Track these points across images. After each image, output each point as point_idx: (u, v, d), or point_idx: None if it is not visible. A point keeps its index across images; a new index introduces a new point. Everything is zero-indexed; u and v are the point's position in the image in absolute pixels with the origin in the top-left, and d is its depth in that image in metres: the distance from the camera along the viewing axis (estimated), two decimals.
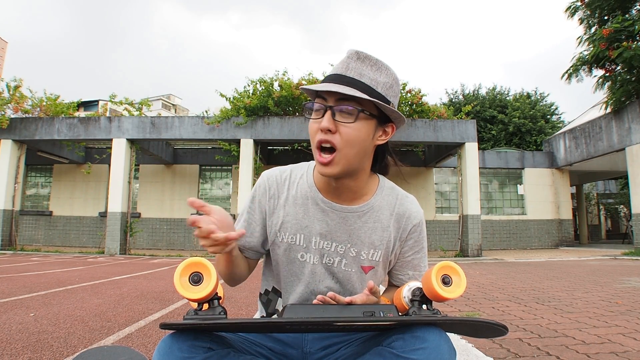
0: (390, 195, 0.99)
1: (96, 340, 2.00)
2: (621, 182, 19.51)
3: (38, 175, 13.35)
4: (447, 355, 0.71)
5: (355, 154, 0.87)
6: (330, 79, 0.86)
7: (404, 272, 1.01)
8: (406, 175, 12.59)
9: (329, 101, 0.85)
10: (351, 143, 0.85)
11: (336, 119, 0.84)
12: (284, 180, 0.99)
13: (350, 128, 0.84)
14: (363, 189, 0.96)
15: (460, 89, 24.49)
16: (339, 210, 0.95)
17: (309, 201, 0.96)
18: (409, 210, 0.99)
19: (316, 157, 0.88)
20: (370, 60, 0.87)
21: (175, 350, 0.70)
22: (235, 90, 9.89)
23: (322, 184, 0.95)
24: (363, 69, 0.86)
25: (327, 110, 0.85)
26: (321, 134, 0.85)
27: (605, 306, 2.97)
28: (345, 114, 0.84)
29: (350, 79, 0.85)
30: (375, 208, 0.97)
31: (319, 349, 0.93)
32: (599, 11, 10.56)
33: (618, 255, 9.25)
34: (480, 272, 5.76)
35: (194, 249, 11.95)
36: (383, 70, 0.88)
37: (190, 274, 0.72)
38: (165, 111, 53.43)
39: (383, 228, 0.97)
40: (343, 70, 0.86)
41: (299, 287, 0.96)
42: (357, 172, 0.91)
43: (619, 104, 10.11)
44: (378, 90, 0.86)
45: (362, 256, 0.95)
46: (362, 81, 0.85)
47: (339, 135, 0.84)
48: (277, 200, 0.98)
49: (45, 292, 3.57)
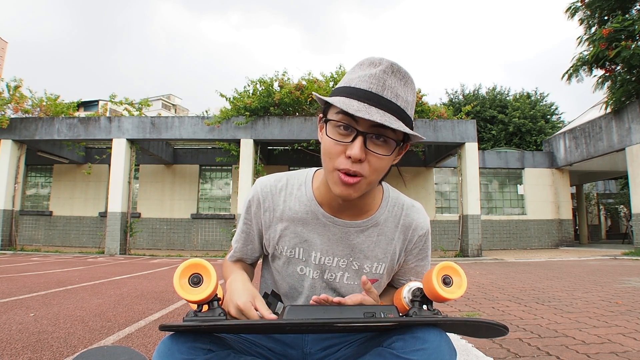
0: (396, 206, 0.94)
1: (96, 340, 2.00)
2: (621, 182, 19.51)
3: (38, 175, 13.35)
4: (447, 355, 0.71)
5: (379, 179, 0.82)
6: (362, 97, 0.75)
7: (405, 278, 1.00)
8: (406, 176, 12.61)
9: (361, 125, 0.75)
10: (380, 172, 0.79)
11: (368, 148, 0.75)
12: (280, 191, 0.93)
13: (382, 160, 0.77)
14: (369, 205, 0.91)
15: (460, 89, 24.52)
16: (341, 225, 0.90)
17: (309, 215, 0.90)
18: (415, 221, 0.94)
19: (336, 178, 0.78)
20: (401, 73, 0.78)
21: (174, 352, 0.69)
22: (235, 90, 9.89)
23: (325, 198, 0.89)
24: (398, 88, 0.77)
25: (359, 136, 0.75)
26: (348, 162, 0.76)
27: (605, 306, 2.97)
28: (381, 145, 0.76)
29: (387, 102, 0.75)
30: (380, 222, 0.92)
31: (319, 349, 0.93)
32: (599, 11, 10.56)
33: (618, 255, 9.25)
34: (480, 272, 5.76)
35: (194, 249, 11.95)
36: (409, 85, 0.79)
37: (190, 276, 0.72)
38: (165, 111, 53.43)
39: (387, 241, 0.93)
40: (380, 90, 0.75)
41: (300, 300, 0.96)
42: (369, 191, 0.86)
43: (619, 104, 10.11)
44: (408, 113, 0.78)
45: (365, 269, 0.92)
46: (398, 104, 0.76)
47: (368, 165, 0.76)
48: (272, 213, 0.92)
49: (45, 292, 3.57)
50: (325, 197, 0.89)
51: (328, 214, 0.90)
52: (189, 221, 12.26)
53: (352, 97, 0.75)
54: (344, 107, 0.72)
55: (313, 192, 0.91)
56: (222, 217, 12.15)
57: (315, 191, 0.91)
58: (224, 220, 12.10)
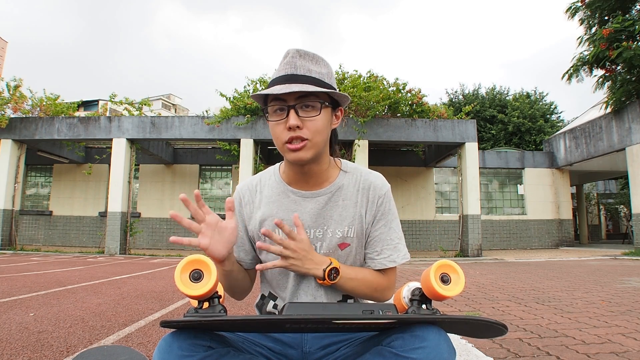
0: (355, 173, 1.04)
1: (96, 340, 2.00)
2: (621, 182, 19.51)
3: (38, 175, 13.35)
4: (446, 354, 0.71)
5: (322, 140, 0.94)
6: (282, 80, 0.91)
7: (372, 249, 1.01)
8: (406, 176, 12.63)
9: (289, 101, 0.90)
10: (319, 132, 0.92)
11: (300, 116, 0.90)
12: (255, 186, 1.05)
13: (315, 120, 0.91)
14: (327, 172, 1.02)
15: (460, 88, 24.53)
16: (309, 197, 1.00)
17: (281, 196, 1.01)
18: (373, 183, 1.02)
19: (286, 149, 0.93)
20: (309, 55, 0.94)
21: (175, 348, 0.70)
22: (236, 90, 9.90)
23: (291, 178, 1.01)
24: (309, 65, 0.92)
25: (291, 110, 0.90)
26: (289, 132, 0.90)
27: (605, 306, 2.97)
28: (309, 109, 0.91)
29: (302, 77, 0.90)
30: (342, 187, 1.01)
31: (318, 348, 0.93)
32: (599, 11, 10.56)
33: (618, 255, 9.25)
34: (480, 272, 5.76)
35: (194, 249, 11.94)
36: (321, 62, 0.95)
37: (191, 271, 0.73)
38: (165, 111, 53.42)
39: (352, 205, 1.00)
40: (293, 70, 0.91)
41: (289, 283, 0.99)
42: (321, 156, 0.98)
43: (619, 104, 10.11)
44: (325, 81, 0.93)
45: (338, 235, 0.98)
46: (312, 76, 0.91)
47: (307, 129, 0.91)
48: (252, 205, 1.03)
49: (45, 292, 3.57)
50: (291, 176, 1.01)
51: (295, 189, 1.01)
52: None
53: (275, 84, 0.92)
54: (270, 92, 0.88)
55: (280, 175, 1.04)
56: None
57: (282, 174, 1.04)
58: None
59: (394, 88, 9.37)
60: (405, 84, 9.49)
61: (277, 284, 1.01)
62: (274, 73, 0.97)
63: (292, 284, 0.98)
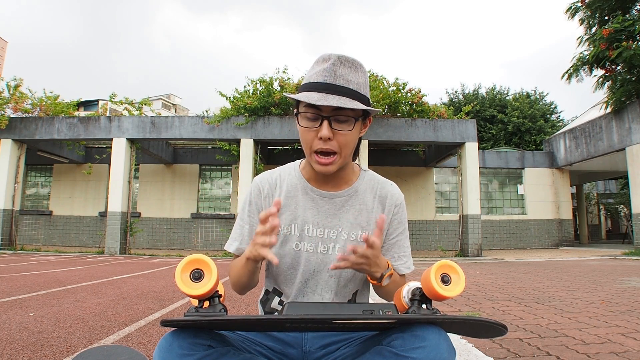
0: (372, 180, 1.06)
1: (96, 339, 2.00)
2: (621, 182, 19.51)
3: (38, 174, 13.35)
4: (446, 353, 0.71)
5: (350, 152, 0.96)
6: (319, 88, 0.89)
7: (390, 255, 1.04)
8: (406, 175, 12.63)
9: (324, 111, 0.90)
10: (349, 146, 0.94)
11: (334, 128, 0.90)
12: (275, 180, 1.05)
13: (347, 135, 0.92)
14: (348, 175, 1.04)
15: (460, 88, 24.54)
16: (327, 197, 1.01)
17: (299, 192, 1.02)
18: (390, 192, 1.05)
19: (314, 159, 0.94)
20: (349, 62, 0.92)
21: (175, 347, 0.71)
22: (236, 90, 9.89)
23: (311, 175, 1.03)
24: (348, 75, 0.91)
25: (324, 121, 0.90)
26: (320, 142, 0.91)
27: (605, 306, 2.97)
28: (343, 123, 0.91)
29: (341, 88, 0.89)
30: (359, 191, 1.03)
31: (318, 348, 0.93)
32: (599, 12, 10.56)
33: (618, 255, 9.25)
34: (480, 272, 5.76)
35: (194, 249, 11.95)
36: (359, 69, 0.93)
37: (192, 271, 0.74)
38: (165, 111, 53.43)
39: (368, 210, 1.02)
40: (332, 79, 0.89)
41: (297, 279, 0.99)
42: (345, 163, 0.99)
43: (619, 104, 10.11)
44: (362, 93, 0.92)
45: (352, 237, 0.99)
46: (351, 88, 0.90)
47: (337, 142, 0.91)
48: (271, 198, 1.03)
49: (45, 291, 3.57)
50: (311, 173, 1.03)
51: (314, 187, 1.02)
52: (188, 221, 12.26)
53: (312, 90, 0.90)
54: (306, 100, 0.87)
55: (300, 171, 1.06)
56: (222, 216, 12.15)
57: (302, 170, 1.06)
58: (224, 220, 12.10)
59: (394, 88, 9.37)
60: (405, 84, 9.49)
61: (284, 279, 1.00)
62: (310, 71, 0.95)
63: (300, 280, 0.98)
